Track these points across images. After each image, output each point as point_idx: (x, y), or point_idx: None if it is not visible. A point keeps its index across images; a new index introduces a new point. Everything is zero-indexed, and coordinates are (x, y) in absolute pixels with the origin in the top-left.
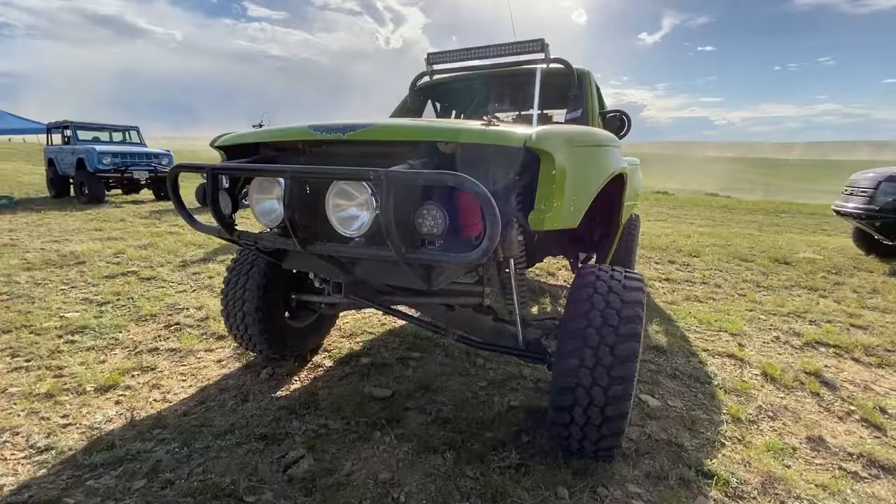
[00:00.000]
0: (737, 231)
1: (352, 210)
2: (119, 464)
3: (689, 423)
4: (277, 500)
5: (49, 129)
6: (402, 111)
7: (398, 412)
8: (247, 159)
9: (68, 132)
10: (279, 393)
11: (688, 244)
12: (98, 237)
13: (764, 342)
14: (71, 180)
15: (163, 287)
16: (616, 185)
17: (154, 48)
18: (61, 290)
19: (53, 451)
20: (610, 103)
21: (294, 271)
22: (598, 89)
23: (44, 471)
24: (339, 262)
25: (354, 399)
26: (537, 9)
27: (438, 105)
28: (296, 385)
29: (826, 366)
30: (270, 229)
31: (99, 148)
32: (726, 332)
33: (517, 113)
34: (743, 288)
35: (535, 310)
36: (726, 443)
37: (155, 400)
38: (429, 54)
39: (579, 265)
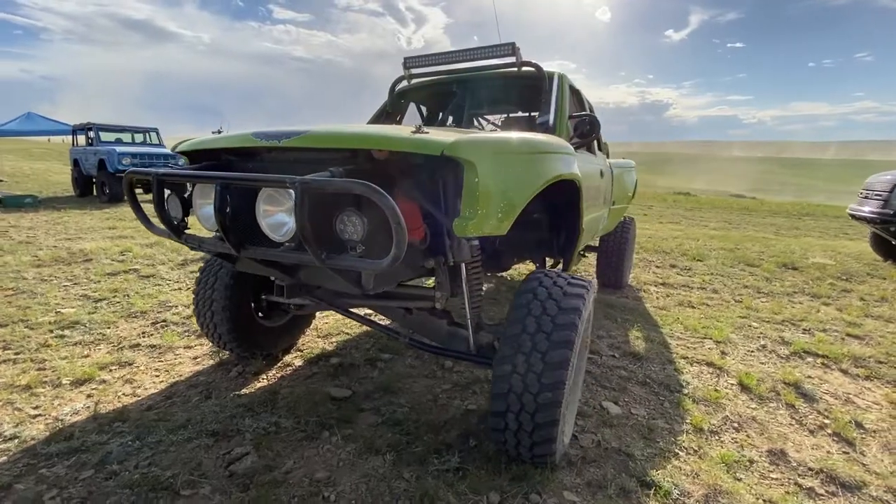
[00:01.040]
0: (751, 234)
1: (279, 216)
2: (73, 454)
3: (647, 432)
4: (213, 495)
5: (74, 131)
6: (380, 115)
7: (352, 413)
8: (199, 165)
9: (91, 134)
10: (243, 391)
11: (694, 247)
12: (109, 235)
13: (748, 351)
14: (94, 180)
15: (159, 285)
16: (570, 191)
17: (183, 51)
18: (64, 286)
19: (17, 440)
20: (634, 102)
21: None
22: (573, 92)
23: (4, 458)
24: (281, 265)
25: (312, 399)
26: (558, 7)
27: (424, 109)
28: (261, 383)
29: (809, 376)
30: (215, 233)
31: (119, 149)
32: (711, 339)
33: (506, 115)
34: (741, 294)
35: None
36: (680, 453)
37: (124, 394)
38: (405, 59)
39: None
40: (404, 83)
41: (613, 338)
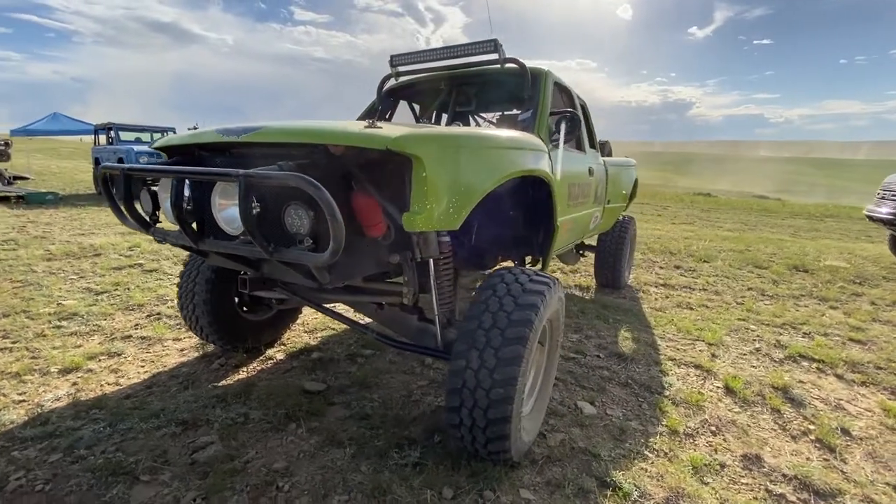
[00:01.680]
0: (766, 236)
1: (232, 209)
2: (47, 438)
3: (618, 433)
4: (172, 482)
5: (96, 131)
6: (368, 113)
7: (321, 406)
8: (169, 160)
9: (112, 133)
10: (222, 382)
11: (702, 248)
12: (121, 231)
13: (741, 354)
14: None
15: (160, 279)
16: (538, 187)
17: (207, 53)
18: (70, 279)
19: None
20: (656, 101)
21: None
22: (561, 90)
23: None
24: (244, 259)
25: (286, 391)
26: (579, 5)
27: (417, 107)
28: (240, 376)
29: (800, 381)
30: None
31: (137, 148)
32: (703, 341)
33: (501, 113)
34: (745, 296)
35: None
36: (649, 455)
37: (108, 383)
38: (392, 56)
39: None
40: (392, 81)
41: (602, 338)
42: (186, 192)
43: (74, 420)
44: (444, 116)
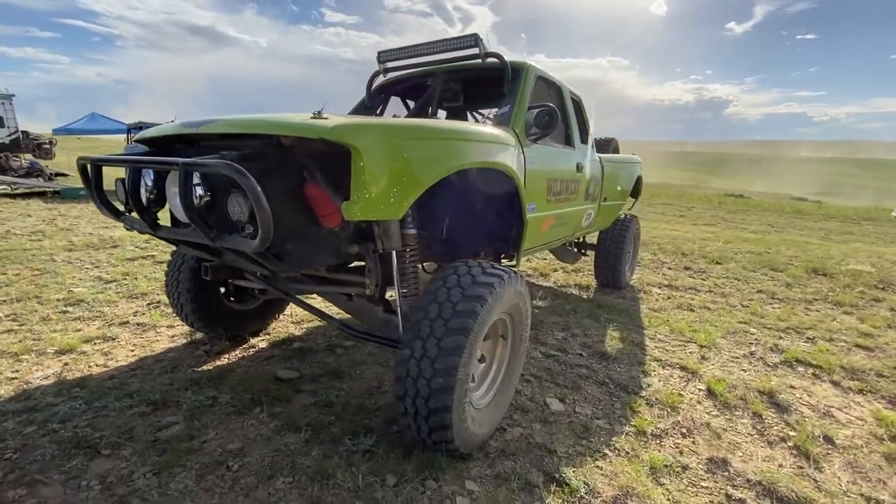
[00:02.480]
0: (791, 238)
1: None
2: (26, 412)
3: (582, 430)
4: (131, 457)
5: (129, 129)
6: (358, 109)
7: (289, 393)
8: (144, 151)
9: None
10: (202, 367)
11: (717, 250)
12: None
13: (733, 357)
14: None
15: None
16: (501, 181)
17: (242, 55)
18: (85, 268)
19: None
20: (690, 99)
21: None
22: (548, 84)
23: None
24: (206, 247)
25: (260, 378)
26: (611, 2)
27: (411, 103)
28: (221, 362)
29: (791, 387)
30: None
31: None
32: (695, 343)
33: (498, 109)
34: (752, 299)
35: None
36: (609, 454)
37: (96, 364)
38: (379, 53)
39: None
40: (381, 77)
41: (588, 336)
42: (149, 182)
43: (55, 397)
44: (441, 113)
